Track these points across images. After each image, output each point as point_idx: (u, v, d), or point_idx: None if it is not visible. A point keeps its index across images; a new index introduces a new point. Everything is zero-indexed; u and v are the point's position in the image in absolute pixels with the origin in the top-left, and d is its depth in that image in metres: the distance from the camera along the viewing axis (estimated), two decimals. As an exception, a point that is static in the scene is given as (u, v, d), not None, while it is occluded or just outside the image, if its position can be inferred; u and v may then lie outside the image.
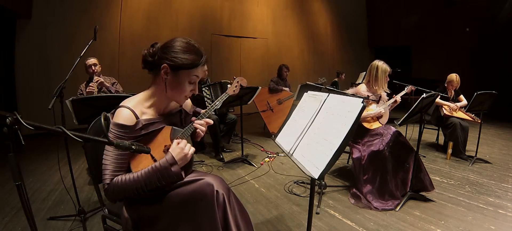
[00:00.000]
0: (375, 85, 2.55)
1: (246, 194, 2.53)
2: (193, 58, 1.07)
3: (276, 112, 4.70)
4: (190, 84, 1.11)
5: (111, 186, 1.00)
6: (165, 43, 1.10)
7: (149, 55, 1.10)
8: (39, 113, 2.53)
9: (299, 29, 8.52)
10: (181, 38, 1.09)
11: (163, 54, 1.06)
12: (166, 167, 1.01)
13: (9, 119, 0.67)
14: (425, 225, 1.94)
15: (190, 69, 1.07)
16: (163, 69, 1.06)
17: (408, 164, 2.34)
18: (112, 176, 1.01)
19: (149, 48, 1.11)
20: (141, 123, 1.06)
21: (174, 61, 1.05)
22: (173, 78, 1.07)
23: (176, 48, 1.06)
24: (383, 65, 2.51)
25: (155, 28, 6.08)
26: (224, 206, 1.01)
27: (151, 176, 1.00)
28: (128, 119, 1.03)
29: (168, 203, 1.05)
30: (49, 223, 1.97)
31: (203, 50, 1.12)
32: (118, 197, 1.03)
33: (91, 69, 2.88)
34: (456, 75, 3.60)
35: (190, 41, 1.10)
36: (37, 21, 4.71)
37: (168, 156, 1.03)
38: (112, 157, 1.01)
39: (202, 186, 1.03)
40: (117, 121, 1.02)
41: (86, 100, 2.05)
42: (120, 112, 1.04)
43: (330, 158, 1.06)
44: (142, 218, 1.09)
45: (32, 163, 3.29)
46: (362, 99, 1.14)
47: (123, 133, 1.01)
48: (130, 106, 1.05)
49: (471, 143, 3.57)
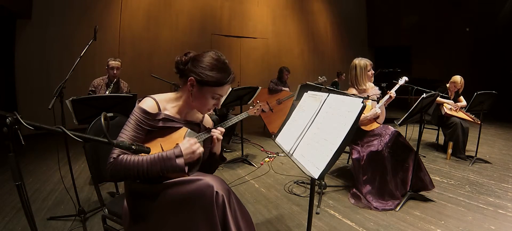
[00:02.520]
0: (358, 85, 2.51)
1: (246, 194, 2.53)
2: (219, 77, 1.11)
3: (276, 113, 4.70)
4: (213, 99, 1.16)
5: (115, 161, 1.03)
6: (197, 55, 1.15)
7: (181, 63, 1.16)
8: (39, 113, 2.53)
9: (299, 29, 8.52)
10: (212, 53, 1.13)
11: (192, 66, 1.11)
12: (171, 158, 1.04)
13: (9, 119, 0.67)
14: (425, 225, 1.94)
15: (215, 87, 1.12)
16: (190, 82, 1.12)
17: (407, 164, 2.33)
18: (120, 152, 1.04)
19: (182, 56, 1.17)
20: (161, 115, 1.13)
21: (200, 77, 1.09)
22: (198, 92, 1.13)
23: (205, 64, 1.10)
24: (360, 62, 2.49)
25: (155, 28, 6.08)
26: (223, 207, 1.01)
27: (155, 163, 1.03)
28: (151, 107, 1.11)
29: (167, 201, 1.05)
30: (49, 223, 1.97)
31: (232, 70, 1.16)
32: (117, 175, 1.05)
33: (113, 72, 2.93)
34: (461, 77, 3.57)
35: (220, 58, 1.14)
36: (37, 21, 4.71)
37: (177, 149, 1.06)
38: (127, 136, 1.06)
39: (201, 187, 1.03)
40: (141, 106, 1.09)
41: (86, 100, 2.06)
42: (146, 100, 1.13)
43: (330, 158, 1.06)
44: (141, 212, 1.10)
45: (32, 163, 3.29)
46: (362, 99, 1.14)
47: (144, 118, 1.09)
48: (156, 99, 1.14)
49: (471, 143, 3.57)
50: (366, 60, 2.50)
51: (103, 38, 5.22)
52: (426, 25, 8.60)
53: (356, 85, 2.52)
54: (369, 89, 2.55)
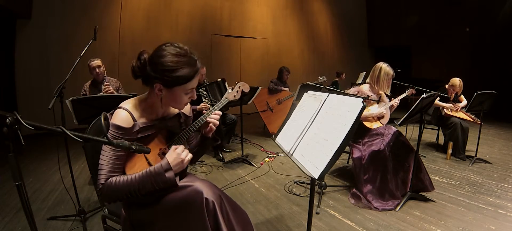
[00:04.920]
0: (376, 86, 2.55)
1: (246, 194, 2.53)
2: (186, 72, 1.00)
3: (275, 113, 4.70)
4: (187, 94, 1.07)
5: (105, 186, 0.98)
6: (154, 56, 1.01)
7: (138, 69, 1.05)
8: (39, 113, 2.53)
9: (299, 29, 8.52)
10: (170, 48, 1.01)
11: (154, 71, 1.00)
12: (160, 173, 0.98)
13: (9, 119, 0.67)
14: (425, 225, 1.94)
15: (185, 84, 1.03)
16: (156, 88, 1.02)
17: (408, 164, 2.34)
18: (107, 176, 0.99)
19: (136, 61, 1.06)
20: (138, 126, 1.05)
21: (166, 81, 1.00)
22: (168, 94, 1.04)
23: (167, 64, 0.98)
24: (386, 68, 2.51)
25: (155, 28, 6.08)
26: (214, 213, 0.98)
27: (145, 180, 0.98)
28: (125, 121, 1.02)
29: (159, 208, 1.04)
30: (49, 223, 1.97)
31: (195, 54, 1.05)
32: (111, 198, 1.01)
33: (95, 72, 2.83)
34: (460, 80, 3.56)
35: (180, 51, 1.01)
36: (37, 21, 4.71)
37: (164, 162, 1.01)
38: (109, 157, 1.00)
39: (191, 194, 1.00)
40: (115, 122, 1.01)
41: (86, 100, 2.06)
42: (118, 113, 1.03)
43: (330, 158, 1.06)
44: (136, 220, 1.10)
45: (32, 163, 3.29)
46: (362, 100, 1.14)
47: (120, 135, 1.00)
48: (128, 109, 1.04)
49: (471, 143, 3.57)
50: (391, 69, 2.53)
51: (103, 38, 5.21)
52: (426, 25, 8.61)
53: (376, 85, 2.55)
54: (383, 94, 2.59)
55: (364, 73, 6.36)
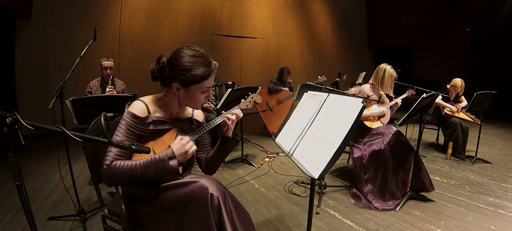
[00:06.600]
0: (380, 88, 2.56)
1: (246, 194, 2.52)
2: (202, 71, 1.07)
3: (275, 113, 4.70)
4: (203, 93, 1.14)
5: (109, 168, 1.02)
6: (172, 58, 1.10)
7: (157, 71, 1.13)
8: (39, 114, 2.53)
9: (299, 29, 8.52)
10: (187, 51, 1.09)
11: (171, 72, 1.08)
12: (164, 160, 1.02)
13: (9, 119, 0.67)
14: (425, 225, 1.94)
15: (201, 83, 1.09)
16: (174, 87, 1.09)
17: (408, 164, 2.34)
18: (113, 158, 1.03)
19: (155, 64, 1.14)
20: (151, 118, 1.11)
21: (184, 80, 1.07)
22: (186, 93, 1.11)
23: (184, 65, 1.06)
24: (390, 70, 2.51)
25: (155, 28, 6.08)
26: (219, 209, 1.00)
27: (148, 167, 1.02)
28: (141, 111, 1.09)
29: (162, 204, 1.05)
30: (49, 223, 1.97)
31: (211, 55, 1.13)
32: (113, 181, 1.04)
33: (106, 72, 2.92)
34: (462, 81, 3.55)
35: (196, 53, 1.09)
36: (37, 21, 4.71)
37: (169, 150, 1.05)
38: None
39: (196, 189, 1.02)
40: (131, 110, 1.08)
41: (86, 100, 2.06)
42: (135, 103, 1.11)
43: (330, 158, 1.06)
44: (138, 216, 1.10)
45: (32, 163, 3.29)
46: (362, 100, 1.14)
47: (134, 123, 1.07)
48: (146, 101, 1.12)
49: (471, 143, 3.57)
50: (394, 71, 2.54)
51: (103, 38, 5.21)
52: (426, 25, 8.61)
53: (380, 86, 2.55)
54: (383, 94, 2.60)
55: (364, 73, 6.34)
